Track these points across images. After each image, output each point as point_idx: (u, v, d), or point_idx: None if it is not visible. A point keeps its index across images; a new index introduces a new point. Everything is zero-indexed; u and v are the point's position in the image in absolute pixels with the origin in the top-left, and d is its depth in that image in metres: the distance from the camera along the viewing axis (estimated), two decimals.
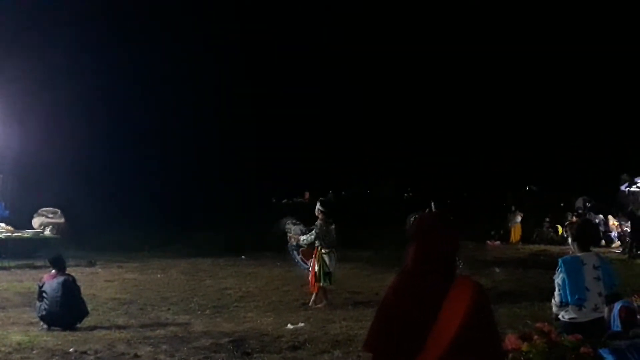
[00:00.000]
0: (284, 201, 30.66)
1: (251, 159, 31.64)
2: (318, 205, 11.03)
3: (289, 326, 8.81)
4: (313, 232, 10.79)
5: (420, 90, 35.41)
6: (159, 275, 14.47)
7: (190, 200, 27.25)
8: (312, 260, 10.83)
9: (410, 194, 34.05)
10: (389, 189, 31.36)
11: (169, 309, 10.56)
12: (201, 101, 31.50)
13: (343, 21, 33.94)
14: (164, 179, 28.67)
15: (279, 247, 18.64)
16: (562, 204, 27.93)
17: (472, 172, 34.93)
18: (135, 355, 7.22)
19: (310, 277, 10.96)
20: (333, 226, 10.81)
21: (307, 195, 29.33)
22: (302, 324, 8.95)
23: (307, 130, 33.08)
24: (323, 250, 10.68)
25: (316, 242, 10.70)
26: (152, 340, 7.93)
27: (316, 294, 10.81)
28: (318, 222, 10.78)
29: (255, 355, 7.22)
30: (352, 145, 34.28)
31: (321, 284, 10.78)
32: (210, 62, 31.46)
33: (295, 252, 11.89)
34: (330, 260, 10.68)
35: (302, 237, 11.16)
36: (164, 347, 7.60)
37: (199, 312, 10.40)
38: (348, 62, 34.24)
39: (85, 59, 27.90)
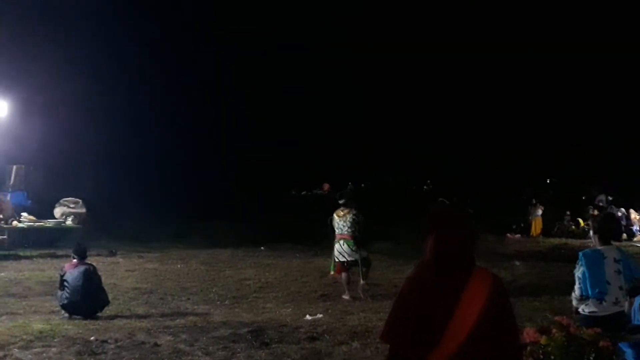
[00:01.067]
0: (303, 193, 30.61)
1: (270, 150, 31.71)
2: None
3: (308, 317, 8.83)
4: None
5: (435, 85, 35.32)
6: (179, 266, 14.54)
7: (209, 192, 27.36)
8: None
9: (430, 186, 33.92)
10: (408, 181, 31.22)
11: (188, 299, 10.63)
12: (220, 97, 31.63)
13: (343, 21, 33.87)
14: (184, 171, 28.84)
15: (297, 238, 18.76)
16: (583, 197, 27.71)
17: (492, 165, 34.73)
18: (155, 344, 7.26)
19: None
20: (348, 217, 10.74)
21: (326, 186, 29.24)
22: (321, 315, 8.96)
23: (328, 123, 33.13)
24: (335, 241, 10.80)
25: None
26: (172, 330, 7.98)
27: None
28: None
29: (273, 346, 7.23)
30: (371, 137, 34.27)
31: (331, 273, 11.09)
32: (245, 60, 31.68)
33: None
34: (339, 250, 10.69)
35: None
36: (184, 336, 7.64)
37: (219, 302, 10.45)
38: (349, 62, 34.29)
39: (106, 54, 28.20)
